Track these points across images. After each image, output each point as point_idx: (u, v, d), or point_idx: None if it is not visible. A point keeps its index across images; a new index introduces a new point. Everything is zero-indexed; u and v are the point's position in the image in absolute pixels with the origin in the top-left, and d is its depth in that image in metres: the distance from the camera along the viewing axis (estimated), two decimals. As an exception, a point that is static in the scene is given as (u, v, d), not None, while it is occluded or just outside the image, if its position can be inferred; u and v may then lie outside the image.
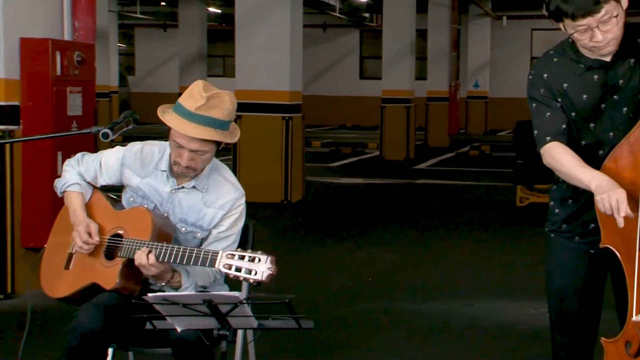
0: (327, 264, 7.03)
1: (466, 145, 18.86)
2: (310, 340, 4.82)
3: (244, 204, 3.19)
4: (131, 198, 3.20)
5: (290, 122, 9.86)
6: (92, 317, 2.93)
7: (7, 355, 4.38)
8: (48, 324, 5.01)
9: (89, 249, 3.07)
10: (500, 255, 7.38)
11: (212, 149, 3.05)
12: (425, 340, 4.94)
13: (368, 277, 6.53)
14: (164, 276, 3.00)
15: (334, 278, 6.50)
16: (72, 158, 3.30)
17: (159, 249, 2.93)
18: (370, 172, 13.69)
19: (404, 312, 5.55)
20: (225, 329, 2.64)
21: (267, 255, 2.74)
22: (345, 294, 6.02)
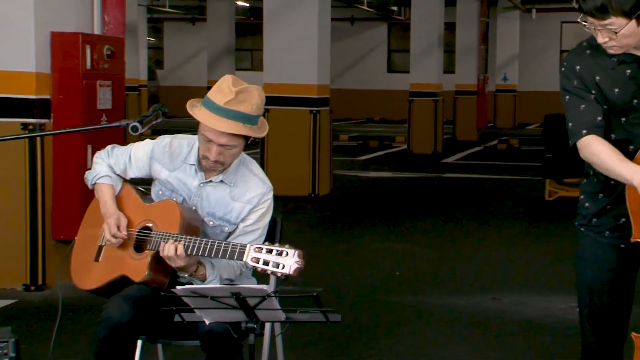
0: (355, 257, 7.02)
1: (494, 139, 18.74)
2: (337, 333, 4.81)
3: (271, 199, 3.19)
4: (160, 191, 3.21)
5: (317, 116, 9.86)
6: (121, 309, 2.95)
7: (40, 345, 4.42)
8: (78, 315, 5.06)
9: (118, 242, 3.09)
10: (528, 250, 7.33)
11: (240, 143, 3.06)
12: (453, 334, 4.92)
13: (395, 270, 6.52)
14: (189, 268, 3.01)
15: (361, 271, 6.49)
16: (102, 150, 3.32)
17: (187, 241, 2.94)
18: (397, 165, 13.65)
19: (431, 305, 5.53)
20: (253, 321, 2.65)
21: (294, 249, 2.74)
22: (373, 287, 6.01)
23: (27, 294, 5.57)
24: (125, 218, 3.13)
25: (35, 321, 5.00)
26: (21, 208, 5.61)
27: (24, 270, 5.63)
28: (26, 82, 5.56)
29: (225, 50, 20.39)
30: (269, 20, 9.95)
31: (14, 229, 5.63)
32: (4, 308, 5.26)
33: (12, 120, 5.56)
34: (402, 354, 4.59)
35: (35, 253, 5.62)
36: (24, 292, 5.59)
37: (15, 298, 5.46)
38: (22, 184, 5.60)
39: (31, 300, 5.42)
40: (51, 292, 5.59)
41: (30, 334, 4.66)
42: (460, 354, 4.60)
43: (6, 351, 2.86)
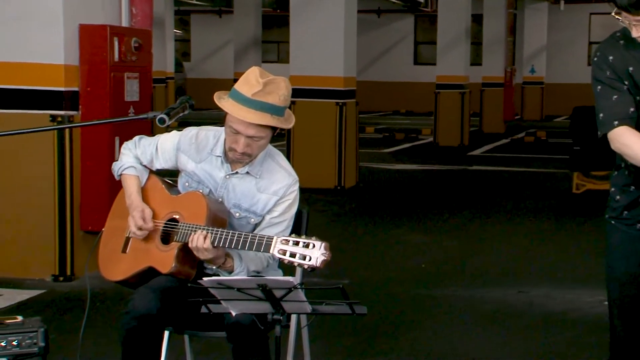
0: (381, 250, 7.01)
1: (521, 131, 18.62)
2: (363, 325, 4.81)
3: (297, 190, 3.19)
4: (187, 183, 3.22)
5: (344, 108, 9.84)
6: (148, 300, 2.96)
7: (68, 335, 4.47)
8: (106, 305, 5.10)
9: (143, 234, 3.10)
10: (555, 243, 7.28)
11: (268, 134, 3.06)
12: (479, 327, 4.90)
13: (421, 263, 6.50)
14: (217, 260, 3.02)
15: (387, 264, 6.48)
16: (130, 141, 3.34)
17: (214, 233, 2.94)
18: (424, 158, 13.60)
19: (458, 298, 5.51)
20: (279, 313, 2.65)
21: (321, 241, 2.73)
22: (399, 280, 6.00)
23: (56, 284, 5.63)
24: (149, 210, 3.14)
25: (64, 311, 5.05)
26: (50, 199, 5.67)
27: (53, 261, 5.69)
28: (55, 75, 5.61)
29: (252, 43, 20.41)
30: (295, 12, 9.95)
31: (42, 220, 5.68)
32: (33, 298, 5.32)
33: (41, 112, 5.61)
34: (428, 347, 4.57)
35: (63, 244, 5.67)
36: (53, 283, 5.65)
37: (44, 288, 5.51)
38: (50, 176, 5.65)
39: (60, 291, 5.47)
40: (79, 282, 5.64)
41: (59, 324, 4.71)
42: (488, 347, 4.58)
43: (35, 341, 2.89)
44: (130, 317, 2.96)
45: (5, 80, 5.67)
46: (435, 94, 15.71)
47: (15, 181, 5.71)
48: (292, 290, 2.58)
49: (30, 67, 5.64)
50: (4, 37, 5.63)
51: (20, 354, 2.87)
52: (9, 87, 5.66)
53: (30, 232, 5.71)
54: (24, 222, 5.72)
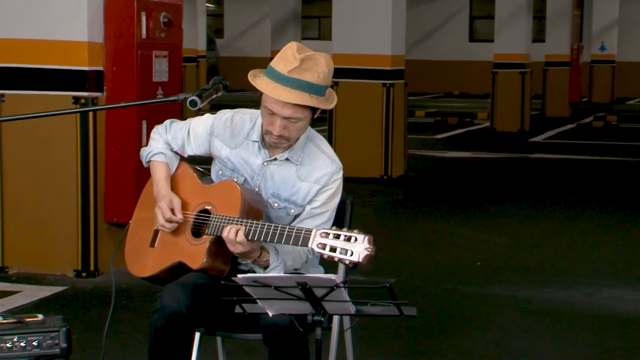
0: (431, 245, 6.99)
1: (589, 115, 18.41)
2: (412, 327, 4.81)
3: (341, 179, 3.18)
4: (220, 171, 3.23)
5: (391, 90, 9.81)
6: (178, 298, 2.98)
7: (92, 335, 4.53)
8: (133, 304, 5.16)
9: (172, 227, 3.12)
10: (624, 239, 7.20)
11: (306, 116, 3.05)
12: (540, 330, 4.86)
13: (476, 260, 6.47)
14: (251, 255, 3.02)
15: (438, 261, 6.46)
16: (160, 125, 3.35)
17: (248, 225, 2.95)
18: (479, 145, 13.53)
19: (516, 299, 5.48)
20: (320, 314, 2.65)
21: (364, 234, 2.73)
22: (451, 278, 5.98)
23: (79, 280, 5.70)
24: (178, 200, 3.15)
25: (88, 309, 5.12)
26: (72, 188, 5.73)
27: (76, 255, 5.75)
28: (78, 53, 5.66)
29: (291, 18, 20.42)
30: (338, -16, 9.93)
31: (64, 211, 5.75)
32: (54, 295, 5.40)
33: (62, 94, 5.67)
34: (483, 350, 4.55)
35: (87, 237, 5.73)
36: (76, 279, 5.72)
37: (66, 285, 5.59)
38: (73, 163, 5.71)
39: (83, 288, 5.55)
40: (104, 278, 5.71)
41: (82, 323, 4.77)
42: (549, 350, 4.55)
43: (57, 341, 2.92)
44: (158, 316, 2.98)
45: (24, 59, 5.74)
46: (493, 74, 15.58)
47: (34, 169, 5.78)
48: (335, 289, 2.58)
49: (51, 45, 5.70)
50: (22, 13, 5.70)
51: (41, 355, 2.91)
52: (28, 67, 5.73)
53: (51, 225, 5.79)
54: (45, 214, 5.79)
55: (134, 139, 5.69)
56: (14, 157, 5.79)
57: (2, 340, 2.89)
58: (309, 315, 2.67)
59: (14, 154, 5.79)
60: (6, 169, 5.81)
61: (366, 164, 9.76)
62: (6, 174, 5.81)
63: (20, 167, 5.81)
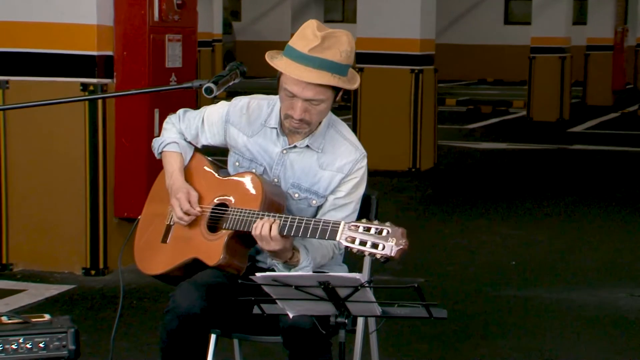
0: (463, 243, 6.98)
1: (634, 103, 18.29)
2: (442, 331, 4.80)
3: (365, 167, 3.19)
4: (237, 162, 3.24)
5: (420, 76, 9.79)
6: (191, 297, 2.99)
7: (101, 336, 4.56)
8: (143, 304, 5.19)
9: (190, 220, 3.13)
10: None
11: (328, 97, 3.05)
12: (580, 335, 4.85)
13: (511, 259, 6.45)
14: (285, 253, 3.01)
15: (470, 260, 6.45)
16: (173, 115, 3.36)
17: (279, 219, 2.94)
18: (515, 135, 13.48)
19: (554, 301, 5.46)
20: (343, 316, 2.66)
21: (396, 226, 2.72)
22: (484, 278, 5.97)
23: (87, 278, 5.74)
24: (195, 193, 3.16)
25: (96, 310, 5.16)
26: (80, 181, 5.76)
27: (84, 252, 5.79)
28: (86, 37, 5.69)
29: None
30: (364, -37, 9.92)
31: (72, 205, 5.78)
32: (61, 294, 5.44)
33: (70, 80, 5.70)
34: (519, 357, 4.54)
35: (95, 233, 5.77)
36: (84, 277, 5.76)
37: (74, 283, 5.63)
38: (81, 154, 5.74)
39: (91, 286, 5.58)
40: (113, 277, 5.74)
41: (90, 324, 4.81)
42: (592, 358, 4.53)
43: (65, 343, 2.95)
44: (170, 316, 3.00)
45: (29, 43, 5.77)
46: (530, 59, 15.51)
47: (40, 161, 5.82)
48: (359, 289, 2.58)
49: (58, 28, 5.73)
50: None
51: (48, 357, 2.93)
52: (34, 51, 5.77)
53: (57, 220, 5.82)
54: (51, 208, 5.83)
55: (146, 128, 5.72)
56: (18, 147, 5.83)
57: (7, 341, 2.91)
58: (331, 316, 2.68)
59: (18, 144, 5.83)
60: (11, 160, 5.85)
61: (393, 156, 9.75)
62: (11, 166, 5.85)
63: (26, 159, 5.85)
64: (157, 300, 5.14)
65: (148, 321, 4.86)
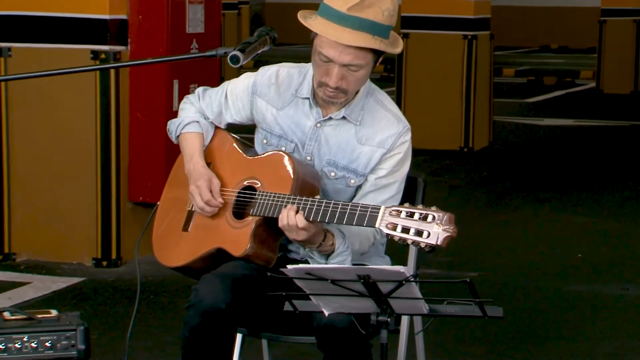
0: (520, 232, 6.96)
1: None
2: (498, 331, 4.80)
3: (409, 141, 3.18)
4: (265, 140, 3.25)
5: (474, 43, 9.74)
6: (216, 291, 3.01)
7: (114, 334, 4.60)
8: (162, 298, 5.22)
9: (212, 211, 3.14)
10: None
11: (368, 62, 3.04)
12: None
13: (577, 251, 6.43)
14: (314, 239, 3.02)
15: (529, 252, 6.43)
16: (191, 95, 3.38)
17: (306, 204, 2.95)
18: (582, 110, 13.38)
19: (627, 299, 5.43)
20: (385, 314, 2.66)
21: (443, 212, 2.72)
22: (546, 272, 5.95)
23: (98, 270, 5.78)
24: (218, 181, 3.17)
25: (109, 305, 5.19)
26: (90, 161, 5.79)
27: (94, 241, 5.83)
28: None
29: (352, -45, 20.32)
30: None
31: (81, 188, 5.81)
32: (70, 288, 5.48)
33: (79, 47, 5.73)
34: None
35: (107, 219, 5.80)
36: (95, 269, 5.80)
37: (83, 276, 5.67)
38: (91, 130, 5.77)
39: (103, 279, 5.62)
40: (128, 268, 5.78)
41: (102, 321, 4.85)
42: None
43: (74, 342, 2.97)
44: (192, 313, 3.02)
45: (34, 6, 5.80)
46: (600, 23, 15.36)
47: (45, 138, 5.85)
48: (404, 284, 2.59)
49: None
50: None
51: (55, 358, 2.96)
52: (39, 15, 5.80)
53: (65, 204, 5.86)
54: (58, 192, 5.86)
55: (164, 102, 5.74)
56: (21, 123, 5.87)
57: (10, 339, 2.94)
58: (372, 315, 2.69)
59: (21, 119, 5.87)
60: (13, 137, 5.88)
61: (442, 134, 9.71)
62: (13, 144, 5.89)
63: (30, 136, 5.88)
64: (177, 294, 5.17)
65: (167, 318, 4.90)
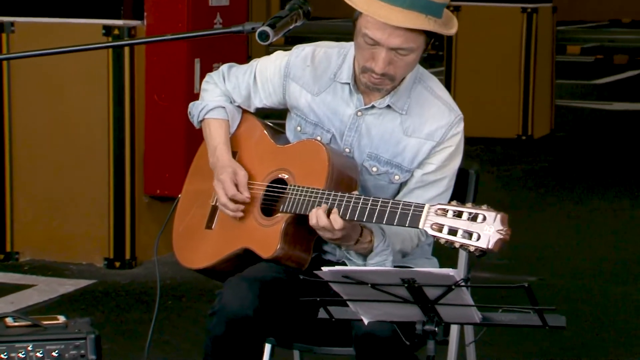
0: (586, 231, 6.95)
1: None
2: (559, 342, 4.79)
3: (461, 133, 3.18)
4: (298, 127, 3.26)
5: (534, 17, 9.71)
6: (243, 297, 3.02)
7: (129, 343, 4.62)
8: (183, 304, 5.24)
9: (237, 208, 3.15)
10: None
11: (419, 46, 3.04)
12: None
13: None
14: (349, 239, 3.02)
15: (595, 252, 6.41)
16: (215, 72, 3.38)
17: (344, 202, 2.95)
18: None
19: None
20: (433, 322, 2.66)
21: (495, 211, 2.72)
22: (614, 275, 5.94)
23: (111, 272, 5.80)
24: (245, 172, 3.18)
25: (123, 311, 5.22)
26: (102, 149, 5.81)
27: (106, 239, 5.85)
28: (110, -32, 5.75)
29: None
30: None
31: (91, 180, 5.84)
32: (79, 291, 5.51)
33: (89, 22, 5.75)
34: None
35: (121, 215, 5.82)
36: (107, 270, 5.83)
37: (94, 278, 5.70)
38: (103, 116, 5.79)
39: (116, 282, 5.65)
40: (144, 270, 5.80)
41: (115, 329, 4.87)
42: None
43: (83, 352, 3.00)
44: (216, 320, 3.03)
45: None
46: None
47: (51, 124, 5.88)
48: (453, 289, 2.59)
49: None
50: None
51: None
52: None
53: (73, 198, 5.88)
54: (65, 183, 5.88)
55: (184, 83, 5.76)
56: (25, 107, 5.90)
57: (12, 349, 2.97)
58: (417, 323, 2.69)
59: (25, 102, 5.90)
60: (16, 122, 5.91)
61: (498, 119, 9.70)
62: (16, 130, 5.92)
63: (34, 121, 5.91)
64: (199, 300, 5.19)
65: (187, 326, 4.92)
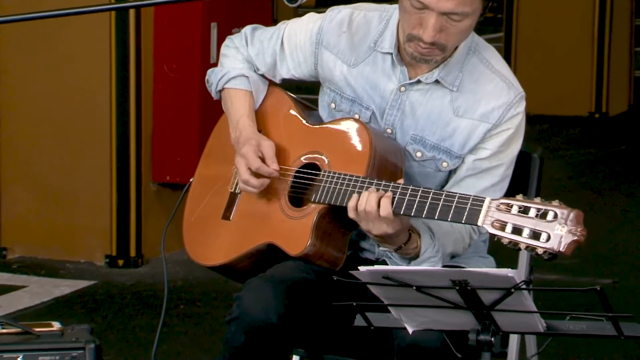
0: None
1: None
2: (636, 353, 4.78)
3: (522, 113, 3.18)
4: (333, 103, 3.26)
5: (610, -22, 9.70)
6: (265, 301, 3.03)
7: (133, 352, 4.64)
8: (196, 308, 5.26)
9: (261, 185, 3.15)
10: None
11: (475, 10, 3.03)
12: None
13: None
14: (395, 239, 3.02)
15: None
16: (236, 35, 3.40)
17: (388, 192, 2.94)
18: None
19: None
20: (488, 332, 2.67)
21: (568, 209, 2.71)
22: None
23: (114, 271, 5.84)
24: (271, 142, 3.18)
25: (127, 317, 5.24)
26: (103, 130, 5.84)
27: (108, 233, 5.89)
28: None
29: None
30: None
31: (92, 165, 5.88)
32: (77, 293, 5.54)
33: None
34: None
35: (125, 205, 5.85)
36: (108, 269, 5.86)
37: (95, 278, 5.74)
38: (105, 90, 5.82)
39: (119, 282, 5.68)
40: (150, 269, 5.83)
41: (118, 337, 4.90)
42: None
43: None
44: (235, 328, 3.05)
45: None
46: None
47: (47, 100, 5.91)
48: (512, 293, 2.59)
49: None
50: None
51: (58, 382, 3.01)
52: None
53: (71, 185, 5.92)
54: (62, 169, 5.91)
55: (198, 52, 5.77)
56: (17, 79, 5.93)
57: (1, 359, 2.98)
58: (471, 333, 2.69)
59: (17, 75, 5.93)
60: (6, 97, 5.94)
61: (566, 95, 9.68)
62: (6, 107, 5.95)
63: (27, 96, 5.94)
64: (215, 304, 5.21)
65: (200, 333, 4.94)
